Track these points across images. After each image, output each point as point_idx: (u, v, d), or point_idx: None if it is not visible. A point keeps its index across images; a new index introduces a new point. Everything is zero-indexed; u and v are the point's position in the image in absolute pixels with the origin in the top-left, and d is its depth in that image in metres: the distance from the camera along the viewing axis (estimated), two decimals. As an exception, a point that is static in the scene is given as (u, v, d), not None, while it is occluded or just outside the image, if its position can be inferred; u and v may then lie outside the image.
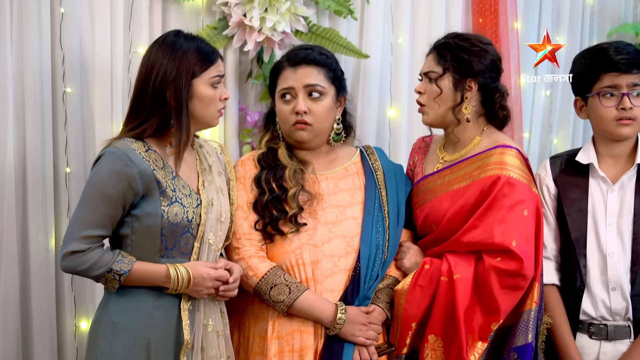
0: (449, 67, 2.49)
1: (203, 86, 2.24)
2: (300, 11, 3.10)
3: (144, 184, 2.18)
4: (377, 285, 2.49)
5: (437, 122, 2.57)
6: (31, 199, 2.80)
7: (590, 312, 2.52)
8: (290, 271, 2.43)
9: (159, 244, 2.21)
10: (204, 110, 2.27)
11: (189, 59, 2.22)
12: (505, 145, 2.50)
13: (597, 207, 2.54)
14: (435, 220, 2.54)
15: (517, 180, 2.41)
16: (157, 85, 2.20)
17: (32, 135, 2.78)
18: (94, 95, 2.87)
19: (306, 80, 2.48)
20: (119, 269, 2.15)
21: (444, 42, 2.54)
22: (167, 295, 2.23)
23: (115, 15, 2.89)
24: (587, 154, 2.58)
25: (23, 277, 2.81)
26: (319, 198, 2.48)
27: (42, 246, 2.83)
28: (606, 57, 2.48)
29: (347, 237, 2.47)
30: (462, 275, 2.39)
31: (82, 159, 2.88)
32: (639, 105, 2.46)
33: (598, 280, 2.51)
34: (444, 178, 2.57)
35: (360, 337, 2.39)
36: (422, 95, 2.55)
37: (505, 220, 2.37)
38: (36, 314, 2.82)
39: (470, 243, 2.41)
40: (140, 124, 2.22)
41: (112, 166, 2.16)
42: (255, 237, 2.45)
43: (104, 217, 2.17)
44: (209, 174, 2.36)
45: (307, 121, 2.47)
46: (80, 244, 2.15)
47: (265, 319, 2.43)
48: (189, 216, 2.23)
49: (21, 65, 2.76)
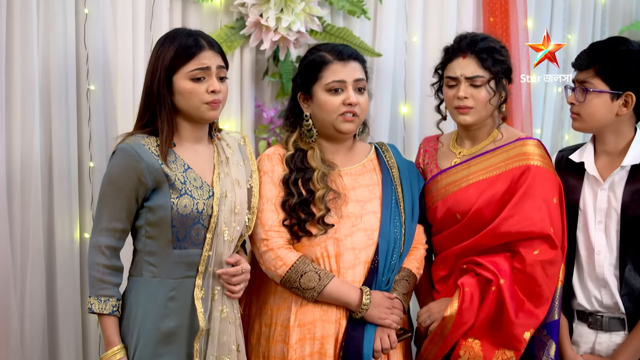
0: (496, 71, 2.55)
1: (182, 81, 2.26)
2: (315, 11, 3.12)
3: (153, 178, 2.23)
4: (394, 277, 2.55)
5: (480, 122, 2.62)
6: (57, 193, 2.85)
7: (585, 306, 2.56)
8: (315, 263, 2.48)
9: (170, 235, 2.25)
10: (187, 104, 2.28)
11: (166, 56, 2.25)
12: (525, 137, 2.60)
13: (588, 205, 2.54)
14: (461, 210, 2.57)
15: (545, 169, 2.50)
16: (148, 83, 2.27)
17: (57, 131, 2.83)
18: (116, 92, 2.91)
19: (356, 75, 2.52)
20: (97, 307, 2.25)
21: (483, 47, 2.55)
22: (181, 286, 2.27)
23: (137, 16, 2.93)
24: (582, 152, 2.59)
25: (49, 267, 2.87)
26: (343, 195, 2.52)
27: (67, 238, 2.88)
28: (580, 55, 2.53)
29: (368, 231, 2.51)
30: (506, 280, 2.44)
31: (105, 153, 2.91)
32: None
33: (589, 276, 2.54)
34: (468, 169, 2.62)
35: (386, 319, 2.45)
36: (468, 99, 2.56)
37: (542, 209, 2.45)
38: (61, 302, 2.88)
39: (509, 233, 2.46)
40: (148, 121, 2.29)
41: (122, 162, 2.23)
42: (284, 231, 2.48)
43: (119, 209, 2.23)
44: (225, 166, 2.38)
45: (356, 112, 2.52)
46: (101, 238, 2.24)
47: (288, 308, 2.47)
48: (198, 208, 2.27)
49: (47, 63, 2.80)
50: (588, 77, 2.46)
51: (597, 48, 2.49)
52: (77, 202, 2.90)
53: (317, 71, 2.52)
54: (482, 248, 2.54)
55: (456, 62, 2.58)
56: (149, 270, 2.28)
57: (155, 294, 2.26)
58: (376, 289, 2.49)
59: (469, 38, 2.59)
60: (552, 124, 3.99)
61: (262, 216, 2.47)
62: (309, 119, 2.56)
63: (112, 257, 2.26)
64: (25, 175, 2.77)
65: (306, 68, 2.57)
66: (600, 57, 2.45)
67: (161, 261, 2.28)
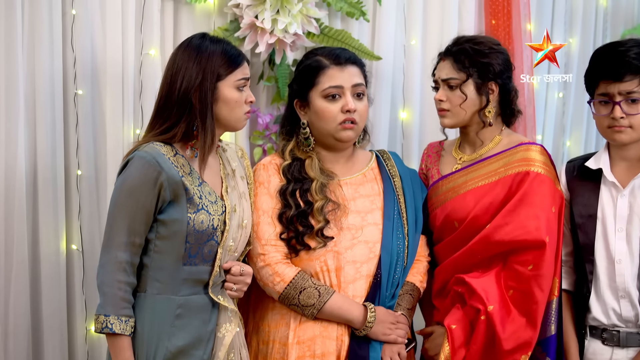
0: (471, 72, 2.52)
1: (228, 89, 2.23)
2: (312, 13, 3.09)
3: (172, 190, 2.16)
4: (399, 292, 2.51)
5: (459, 125, 2.61)
6: (42, 202, 2.80)
7: (602, 320, 2.49)
8: (314, 278, 2.43)
9: (182, 251, 2.18)
10: (230, 113, 2.25)
11: (214, 62, 2.20)
12: (528, 142, 2.57)
13: (607, 213, 2.50)
14: (458, 217, 2.54)
15: (545, 177, 2.47)
16: (183, 89, 2.18)
17: (43, 137, 2.78)
18: (105, 97, 2.88)
19: (355, 80, 2.48)
20: (107, 324, 2.12)
21: (460, 48, 2.54)
22: (187, 303, 2.22)
23: (127, 17, 2.89)
24: (598, 159, 2.55)
25: (33, 280, 2.82)
26: (343, 206, 2.48)
27: (53, 249, 2.83)
28: (600, 63, 2.44)
29: (369, 243, 2.47)
30: (495, 305, 2.41)
31: (93, 161, 2.88)
32: (633, 114, 2.40)
33: (607, 287, 2.48)
34: (467, 176, 2.58)
35: (391, 334, 2.41)
36: (444, 102, 2.56)
37: (539, 217, 2.41)
38: (47, 317, 2.83)
39: (502, 242, 2.42)
40: (168, 128, 2.20)
41: (142, 171, 2.14)
42: (281, 245, 2.44)
43: (139, 223, 2.15)
44: (232, 178, 2.35)
45: (355, 119, 2.47)
46: (120, 253, 2.13)
47: (286, 325, 2.42)
48: (214, 224, 2.22)
49: (32, 67, 2.77)
50: (635, 87, 2.38)
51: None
52: (63, 212, 2.85)
53: (313, 76, 2.48)
54: (476, 259, 2.50)
55: (439, 65, 2.61)
56: (155, 287, 2.20)
57: (161, 312, 2.19)
58: (380, 304, 2.44)
59: (454, 40, 2.61)
60: (554, 130, 4.00)
61: (258, 229, 2.43)
62: (306, 127, 2.52)
63: (131, 274, 2.16)
64: (9, 184, 2.74)
65: (302, 73, 2.53)
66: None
67: (169, 277, 2.20)
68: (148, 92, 2.92)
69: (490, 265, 2.48)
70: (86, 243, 2.89)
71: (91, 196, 2.89)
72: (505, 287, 2.44)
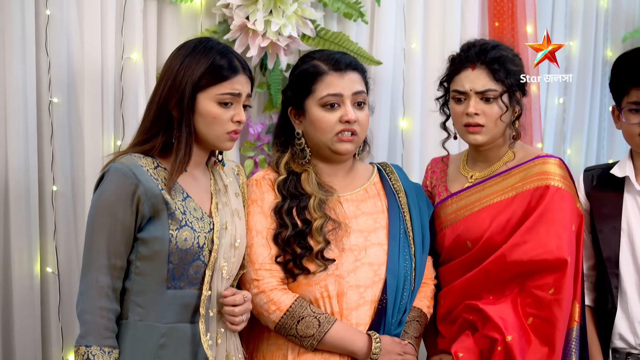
0: (510, 83, 2.43)
1: (207, 102, 2.13)
2: (308, 14, 3.02)
3: (151, 205, 2.08)
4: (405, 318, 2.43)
5: (492, 142, 2.50)
6: (14, 221, 2.72)
7: (629, 339, 2.44)
8: (314, 305, 2.33)
9: (165, 273, 2.09)
10: (207, 129, 2.15)
11: (197, 70, 2.12)
12: (546, 155, 2.50)
13: (633, 224, 2.45)
14: (472, 236, 2.45)
15: (566, 192, 2.40)
16: (164, 95, 2.13)
17: (14, 150, 2.70)
18: (83, 105, 2.80)
19: (355, 87, 2.37)
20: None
21: (494, 57, 2.44)
22: (172, 331, 2.12)
23: (107, 19, 2.82)
24: (623, 167, 2.51)
25: (5, 307, 2.74)
26: (344, 225, 2.37)
27: (26, 272, 2.75)
28: (630, 70, 2.40)
29: (374, 265, 2.37)
30: (514, 335, 2.31)
31: (69, 176, 2.80)
32: None
33: (637, 303, 2.43)
34: (481, 192, 2.51)
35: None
36: (479, 116, 2.44)
37: (561, 235, 2.34)
38: (19, 347, 2.74)
39: (520, 262, 2.34)
40: (149, 138, 2.14)
41: (118, 185, 2.07)
42: (277, 269, 2.34)
43: (119, 243, 2.08)
44: (224, 195, 2.26)
45: (355, 130, 2.36)
46: (101, 277, 2.06)
47: (283, 357, 2.33)
48: (199, 242, 2.12)
49: (2, 73, 2.69)
50: None
51: None
52: (37, 232, 2.77)
53: (310, 83, 2.38)
54: (490, 281, 2.41)
55: (464, 74, 2.47)
56: (136, 313, 2.12)
57: (144, 341, 2.11)
58: (385, 332, 2.35)
59: (478, 46, 2.48)
60: (554, 138, 4.03)
61: (252, 252, 2.33)
62: (301, 137, 2.43)
63: (114, 300, 2.09)
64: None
65: (298, 79, 2.43)
66: None
67: (151, 302, 2.12)
68: (129, 100, 2.85)
69: (504, 290, 2.40)
70: (62, 265, 2.79)
71: (68, 214, 2.80)
72: (523, 315, 2.34)
